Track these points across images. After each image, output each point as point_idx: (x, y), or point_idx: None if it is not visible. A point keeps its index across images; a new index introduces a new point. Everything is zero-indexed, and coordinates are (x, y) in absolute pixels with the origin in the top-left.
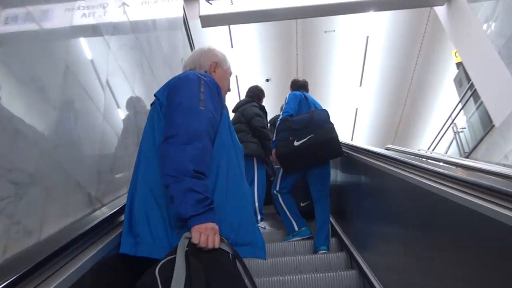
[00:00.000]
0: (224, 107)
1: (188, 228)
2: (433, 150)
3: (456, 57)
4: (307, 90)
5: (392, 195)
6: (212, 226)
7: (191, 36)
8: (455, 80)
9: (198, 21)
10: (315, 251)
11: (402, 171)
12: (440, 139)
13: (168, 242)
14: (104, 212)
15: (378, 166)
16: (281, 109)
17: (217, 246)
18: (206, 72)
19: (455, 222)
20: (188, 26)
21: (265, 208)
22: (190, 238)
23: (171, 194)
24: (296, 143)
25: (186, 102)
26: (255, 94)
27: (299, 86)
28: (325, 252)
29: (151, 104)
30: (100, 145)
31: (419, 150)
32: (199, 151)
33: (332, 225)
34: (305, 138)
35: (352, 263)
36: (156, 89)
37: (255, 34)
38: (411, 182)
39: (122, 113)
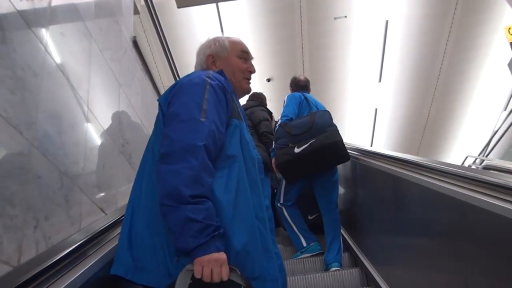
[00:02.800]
0: (235, 116)
1: (191, 260)
2: (487, 155)
3: (511, 34)
4: (308, 91)
5: (419, 205)
6: (216, 257)
7: (158, 22)
8: (509, 65)
9: (174, 3)
10: (326, 268)
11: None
12: (497, 141)
13: (166, 269)
14: None
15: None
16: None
17: (225, 278)
18: (213, 71)
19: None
20: (155, 12)
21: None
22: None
23: (169, 226)
24: (296, 150)
25: (185, 112)
26: (260, 99)
27: (300, 87)
28: (337, 269)
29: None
30: None
31: (467, 157)
32: (196, 171)
33: (343, 238)
34: (306, 143)
35: (368, 280)
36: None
37: (251, 24)
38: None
39: None
